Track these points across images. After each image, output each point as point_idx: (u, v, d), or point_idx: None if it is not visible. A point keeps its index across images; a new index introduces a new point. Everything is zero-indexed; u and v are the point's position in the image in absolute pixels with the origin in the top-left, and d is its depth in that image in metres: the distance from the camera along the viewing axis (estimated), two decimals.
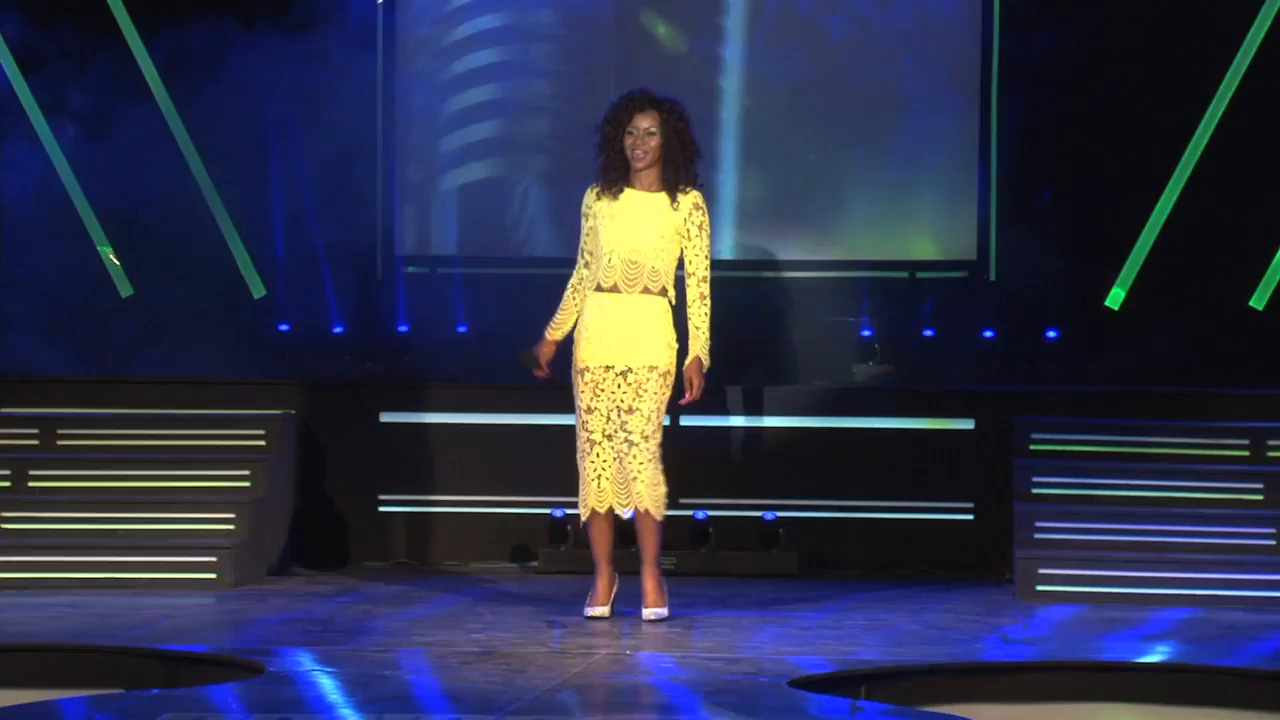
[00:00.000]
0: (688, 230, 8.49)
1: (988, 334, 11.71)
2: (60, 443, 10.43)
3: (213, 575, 9.61)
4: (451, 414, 10.77)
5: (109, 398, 10.81)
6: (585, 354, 8.48)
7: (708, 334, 8.56)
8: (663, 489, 8.49)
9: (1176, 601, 9.34)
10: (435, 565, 10.60)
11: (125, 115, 11.72)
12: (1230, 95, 11.46)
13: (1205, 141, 11.47)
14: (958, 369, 11.53)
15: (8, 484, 10.14)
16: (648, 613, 8.53)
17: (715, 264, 11.53)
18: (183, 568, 9.63)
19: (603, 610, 8.57)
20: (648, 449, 8.44)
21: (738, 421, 10.75)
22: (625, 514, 8.58)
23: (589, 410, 8.47)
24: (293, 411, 10.67)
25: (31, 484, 10.16)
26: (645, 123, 8.44)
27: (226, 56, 11.59)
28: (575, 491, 10.52)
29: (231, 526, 9.92)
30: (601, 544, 8.58)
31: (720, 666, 7.34)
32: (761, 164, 11.83)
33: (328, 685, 6.91)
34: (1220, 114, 11.46)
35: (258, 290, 11.85)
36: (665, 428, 8.54)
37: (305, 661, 7.35)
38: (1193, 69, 11.43)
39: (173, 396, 10.85)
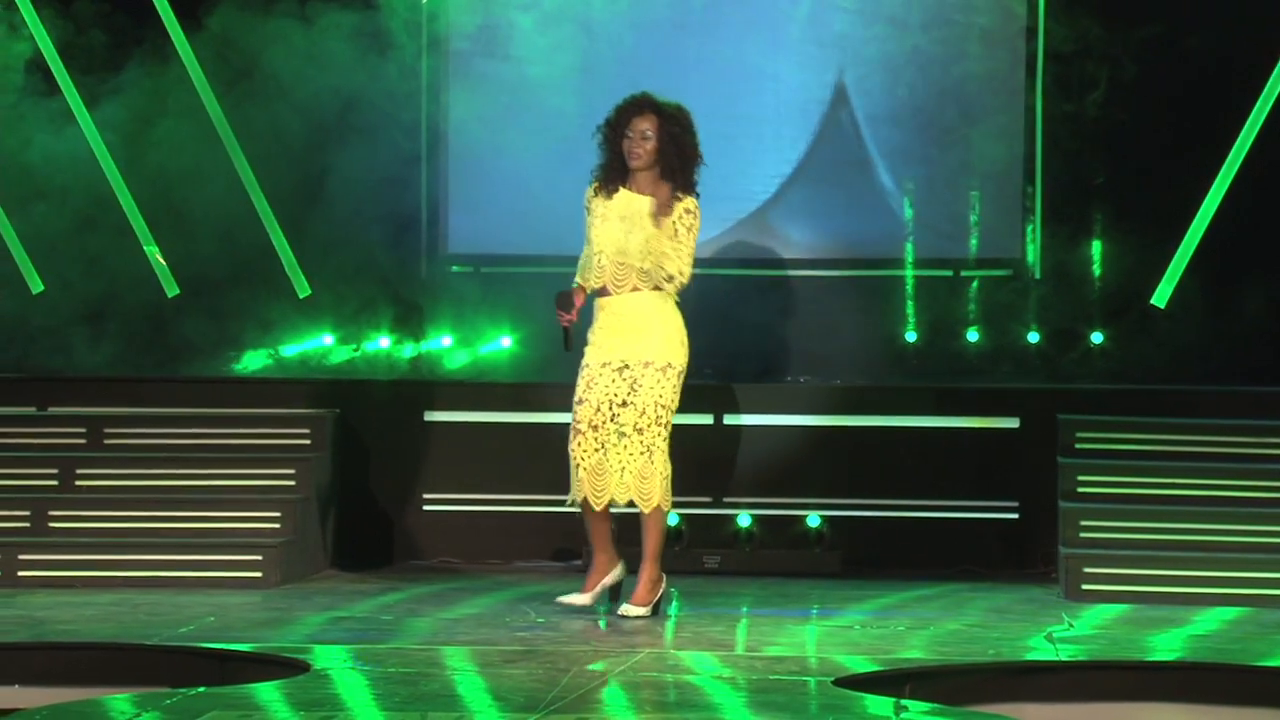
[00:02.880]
0: (675, 229, 8.54)
1: (1033, 332, 11.67)
2: (107, 442, 10.46)
3: (257, 573, 9.64)
4: (495, 413, 10.79)
5: (155, 397, 10.85)
6: (589, 354, 8.60)
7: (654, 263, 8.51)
8: (655, 482, 8.51)
9: (1223, 600, 9.30)
10: (479, 564, 10.60)
11: (171, 115, 11.77)
12: (1278, 93, 11.39)
13: (1252, 139, 11.41)
14: (1003, 367, 11.51)
15: (55, 483, 10.18)
16: (623, 607, 8.59)
17: (762, 262, 11.62)
18: (228, 566, 9.66)
19: (585, 599, 8.65)
20: (640, 442, 8.48)
21: (781, 420, 10.74)
22: (599, 507, 8.57)
23: (579, 401, 8.56)
24: (337, 410, 10.69)
25: (78, 483, 10.19)
26: (643, 125, 8.54)
27: (271, 54, 11.62)
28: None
29: (276, 525, 9.95)
30: (595, 532, 8.66)
31: (764, 666, 7.33)
32: (800, 161, 11.81)
33: (371, 683, 6.92)
34: (1267, 111, 11.40)
35: (303, 290, 11.86)
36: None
37: (349, 660, 7.36)
38: (1239, 66, 11.37)
39: (218, 395, 10.89)
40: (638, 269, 8.52)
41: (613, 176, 8.59)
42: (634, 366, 8.52)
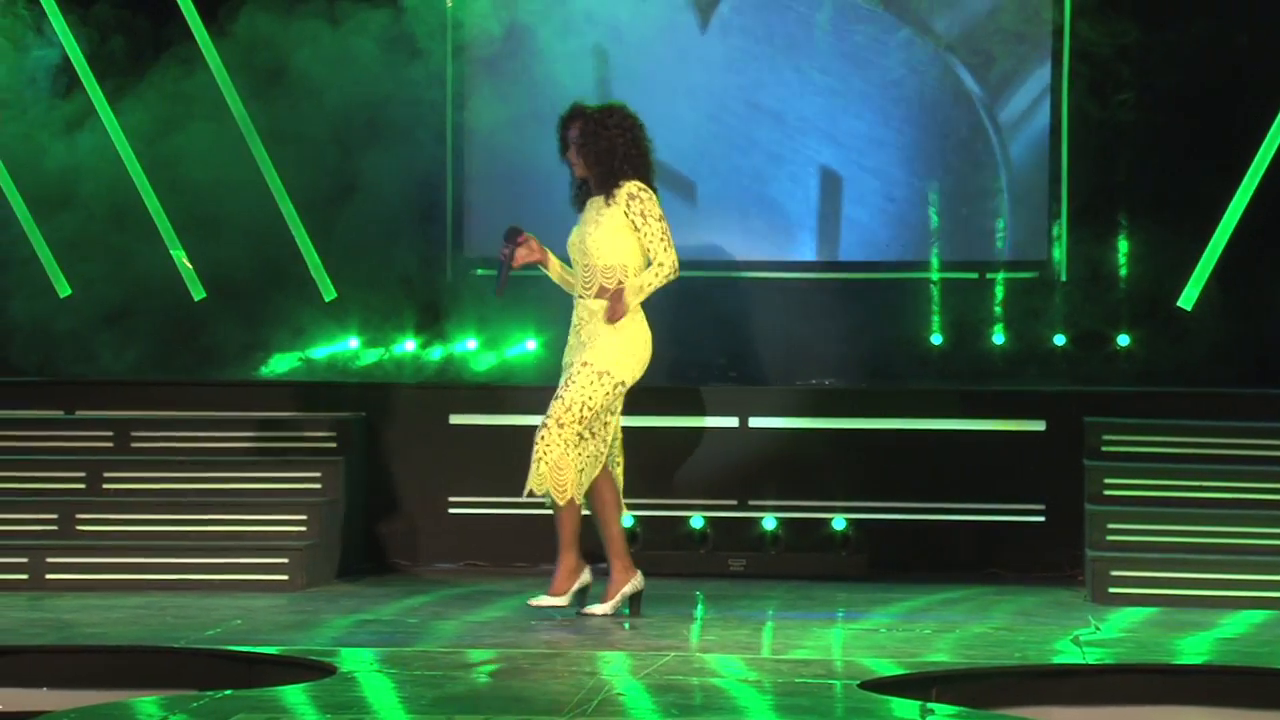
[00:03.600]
0: (632, 222, 8.60)
1: (1059, 334, 11.64)
2: (134, 445, 10.49)
3: (284, 576, 9.66)
4: (521, 416, 10.78)
5: (182, 400, 10.88)
6: (564, 358, 8.73)
7: (646, 285, 8.57)
8: (569, 476, 8.51)
9: (1250, 603, 9.28)
10: (504, 567, 10.60)
11: (197, 119, 11.79)
12: None
13: (1279, 142, 11.37)
14: (1028, 370, 11.49)
15: (82, 485, 10.22)
16: (538, 598, 8.65)
17: (786, 265, 11.62)
18: (254, 569, 9.68)
19: (603, 608, 8.68)
20: (559, 435, 8.49)
21: (807, 423, 10.73)
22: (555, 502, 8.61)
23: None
24: (363, 414, 10.72)
25: (105, 485, 10.22)
26: (572, 133, 8.68)
27: (298, 59, 11.64)
28: (646, 494, 10.65)
29: (303, 528, 9.97)
30: (607, 526, 8.72)
31: (790, 669, 7.33)
32: (824, 164, 11.81)
33: (397, 686, 6.92)
34: None
35: (328, 293, 11.88)
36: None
37: (375, 662, 7.37)
38: (1266, 68, 11.33)
39: (244, 399, 10.92)
40: (600, 268, 8.56)
41: (580, 191, 8.77)
42: (575, 365, 8.60)
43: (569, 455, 8.52)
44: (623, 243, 8.59)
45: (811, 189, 11.80)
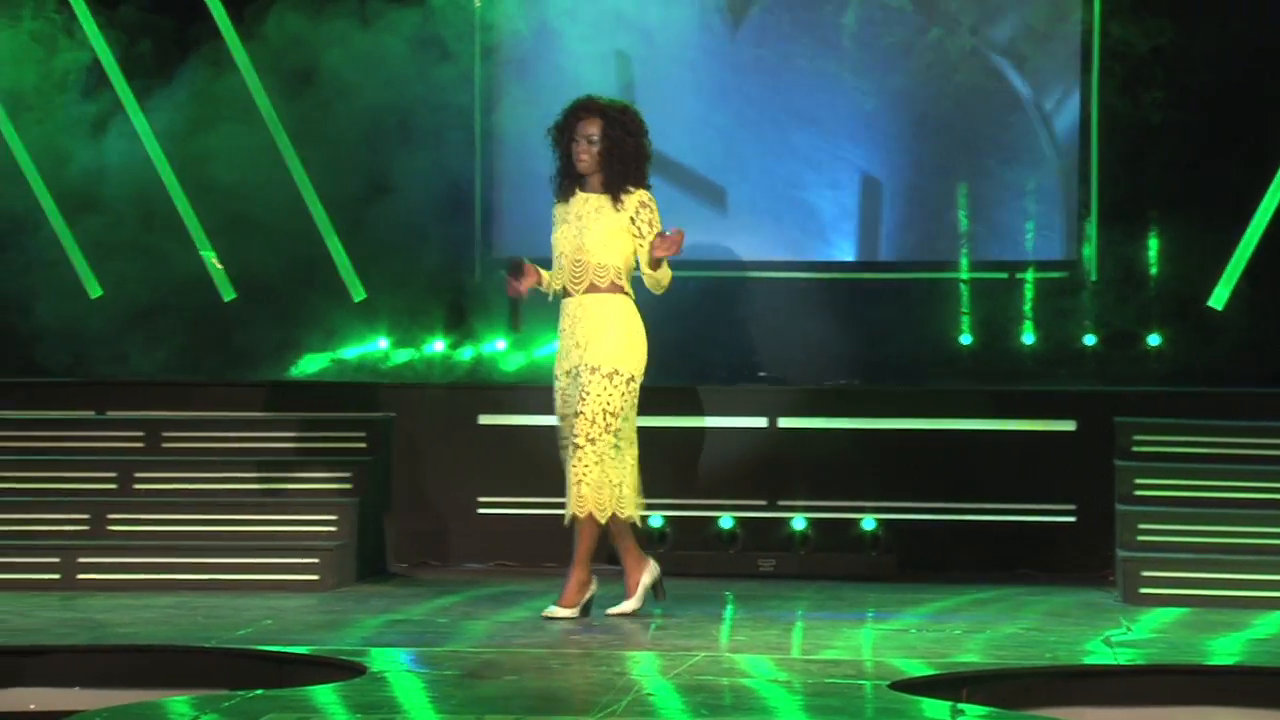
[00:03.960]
0: (638, 229, 8.56)
1: (1089, 334, 11.61)
2: (165, 445, 10.51)
3: (314, 576, 9.66)
4: (549, 416, 10.75)
5: (212, 401, 10.90)
6: (556, 364, 8.65)
7: (665, 277, 8.58)
8: (606, 493, 8.46)
9: None
10: (534, 567, 10.59)
11: (226, 120, 11.81)
12: None
13: None
14: (1059, 370, 11.46)
15: (113, 486, 10.24)
16: (549, 609, 8.58)
17: (816, 265, 11.59)
18: (285, 569, 9.69)
19: (629, 605, 8.65)
20: (593, 452, 8.45)
21: (836, 423, 10.72)
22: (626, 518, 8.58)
23: (561, 417, 8.61)
24: (393, 414, 10.72)
25: (136, 486, 10.24)
26: (588, 129, 8.56)
27: (327, 60, 11.66)
28: (672, 494, 10.64)
29: (333, 528, 9.97)
30: (620, 540, 8.66)
31: (820, 669, 7.31)
32: (861, 165, 11.79)
33: (428, 686, 6.93)
34: None
35: (358, 294, 11.89)
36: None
37: (406, 662, 7.37)
38: None
39: (275, 400, 10.93)
40: (595, 265, 8.52)
41: (567, 182, 8.64)
42: (583, 373, 8.51)
43: (609, 472, 8.48)
44: (620, 245, 8.55)
45: (841, 189, 11.79)
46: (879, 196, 11.80)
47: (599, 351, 8.50)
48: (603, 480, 8.47)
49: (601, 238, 8.53)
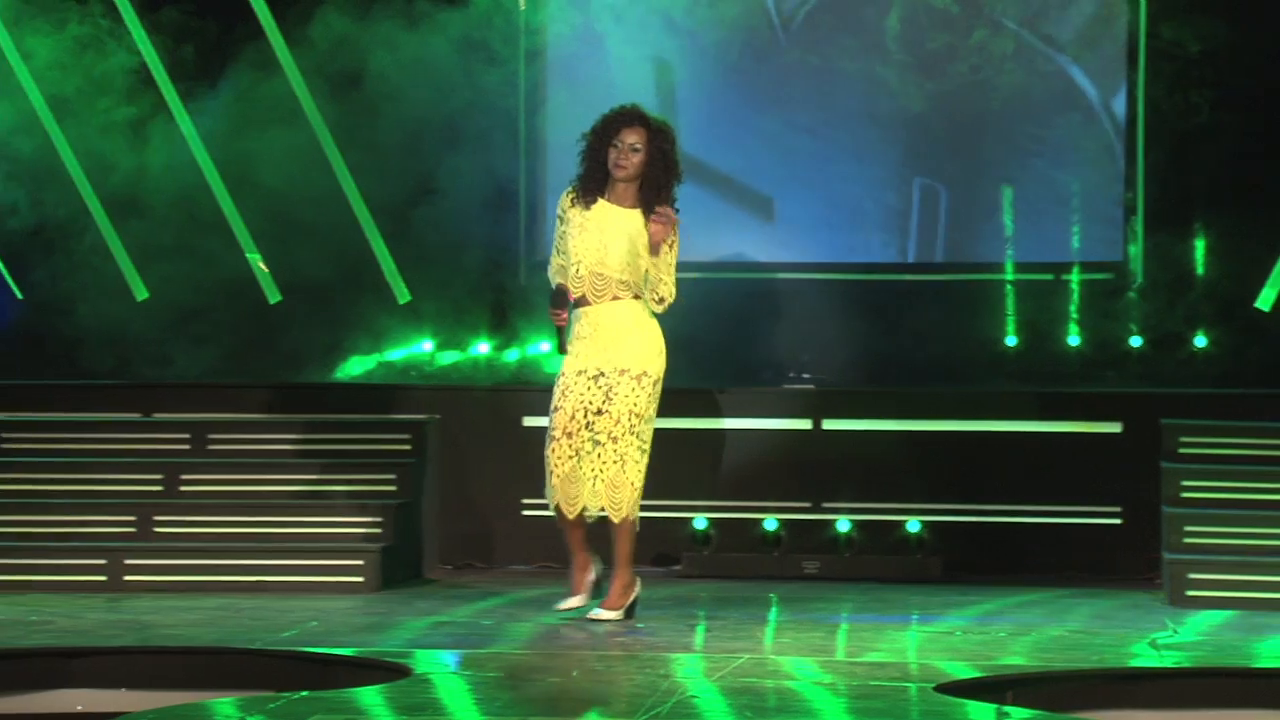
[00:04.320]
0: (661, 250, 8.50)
1: (1135, 336, 11.56)
2: (210, 447, 10.54)
3: (359, 578, 9.67)
4: None
5: (258, 403, 10.93)
6: (566, 364, 8.57)
7: (669, 291, 8.52)
8: (624, 492, 8.44)
9: None
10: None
11: (272, 123, 11.83)
12: None
13: None
14: (1105, 371, 11.41)
15: (159, 488, 10.26)
16: (596, 611, 8.55)
17: (861, 266, 11.54)
18: (330, 571, 9.70)
19: (576, 601, 8.62)
20: (614, 450, 8.44)
21: (881, 425, 10.70)
22: (588, 518, 8.54)
23: (555, 408, 8.53)
24: (437, 416, 10.73)
25: (182, 487, 10.27)
26: (631, 138, 8.48)
27: (373, 63, 11.69)
28: (717, 496, 10.64)
29: (378, 530, 9.97)
30: (570, 539, 8.62)
31: (865, 671, 7.30)
32: (906, 167, 11.78)
33: (472, 688, 6.92)
34: None
35: (402, 296, 11.91)
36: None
37: (450, 664, 7.37)
38: None
39: (320, 401, 10.97)
40: (617, 280, 8.49)
41: (592, 187, 8.54)
42: (609, 374, 8.47)
43: (629, 472, 8.46)
44: (641, 264, 8.51)
45: (885, 192, 11.76)
46: (924, 198, 11.77)
47: (628, 354, 8.49)
48: (621, 480, 8.46)
49: (626, 256, 8.49)
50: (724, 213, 11.76)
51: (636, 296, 8.51)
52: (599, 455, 8.45)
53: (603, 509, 8.49)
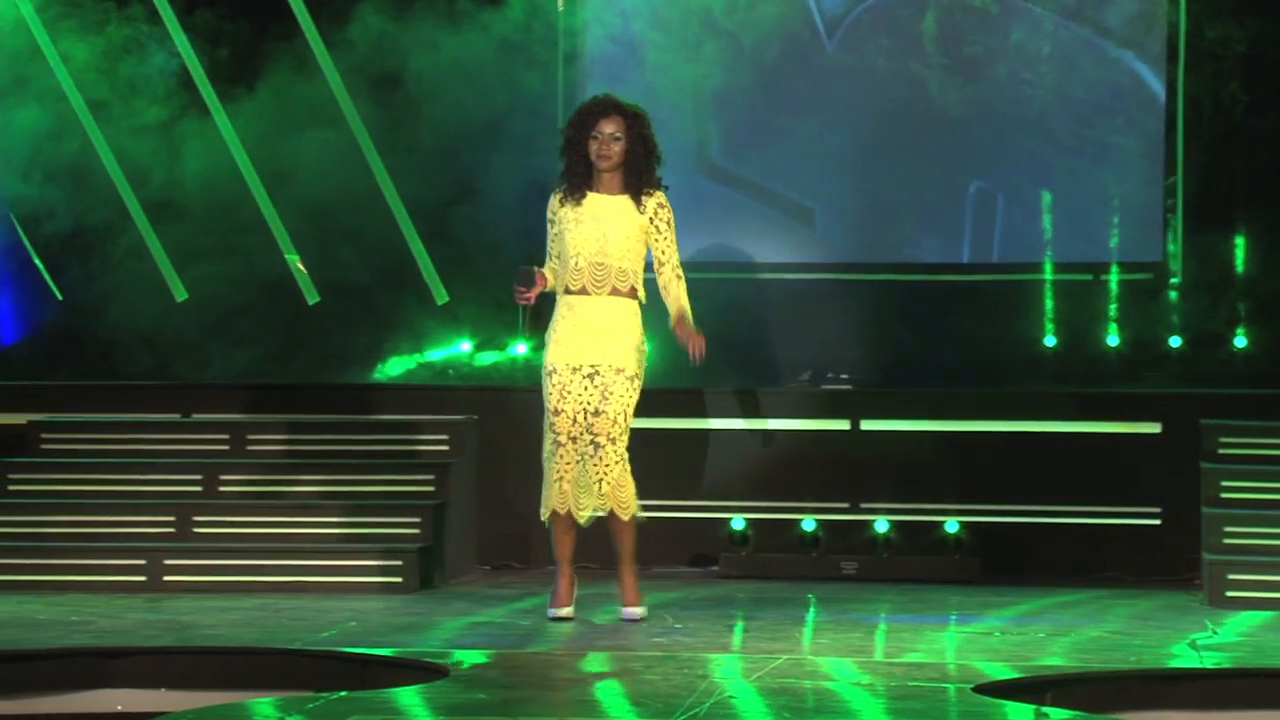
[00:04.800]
0: (655, 227, 8.58)
1: (1174, 336, 11.52)
2: (249, 448, 10.56)
3: (398, 578, 9.67)
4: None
5: (296, 403, 10.94)
6: (554, 355, 8.56)
7: (688, 303, 8.60)
8: (629, 490, 8.52)
9: None
10: (616, 569, 10.58)
11: (311, 124, 11.85)
12: None
13: None
14: (1144, 372, 11.37)
15: (199, 489, 10.28)
16: (626, 612, 8.59)
17: (899, 267, 11.50)
18: (368, 571, 9.71)
19: (568, 610, 8.63)
20: (615, 451, 8.49)
21: (919, 426, 10.68)
22: (585, 521, 8.59)
23: (556, 412, 8.54)
24: (475, 417, 10.74)
25: (221, 488, 10.29)
26: (610, 128, 8.53)
27: (412, 65, 11.70)
28: (755, 496, 10.59)
29: (416, 530, 9.98)
30: (563, 546, 8.64)
31: (903, 672, 7.28)
32: (943, 167, 11.76)
33: (510, 688, 6.93)
34: None
35: (440, 297, 11.93)
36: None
37: (488, 664, 7.38)
38: None
39: (358, 402, 10.97)
40: (617, 268, 8.51)
41: (578, 182, 8.58)
42: (605, 373, 8.51)
43: (627, 471, 8.52)
44: (640, 248, 8.58)
45: (922, 192, 11.72)
46: (961, 199, 11.73)
47: (623, 354, 8.53)
48: (624, 478, 8.53)
49: (625, 242, 8.54)
50: (761, 215, 11.76)
51: (634, 291, 8.54)
52: (600, 458, 8.50)
53: (609, 510, 8.52)
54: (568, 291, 8.56)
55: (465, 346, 11.89)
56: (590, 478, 8.52)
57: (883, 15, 11.79)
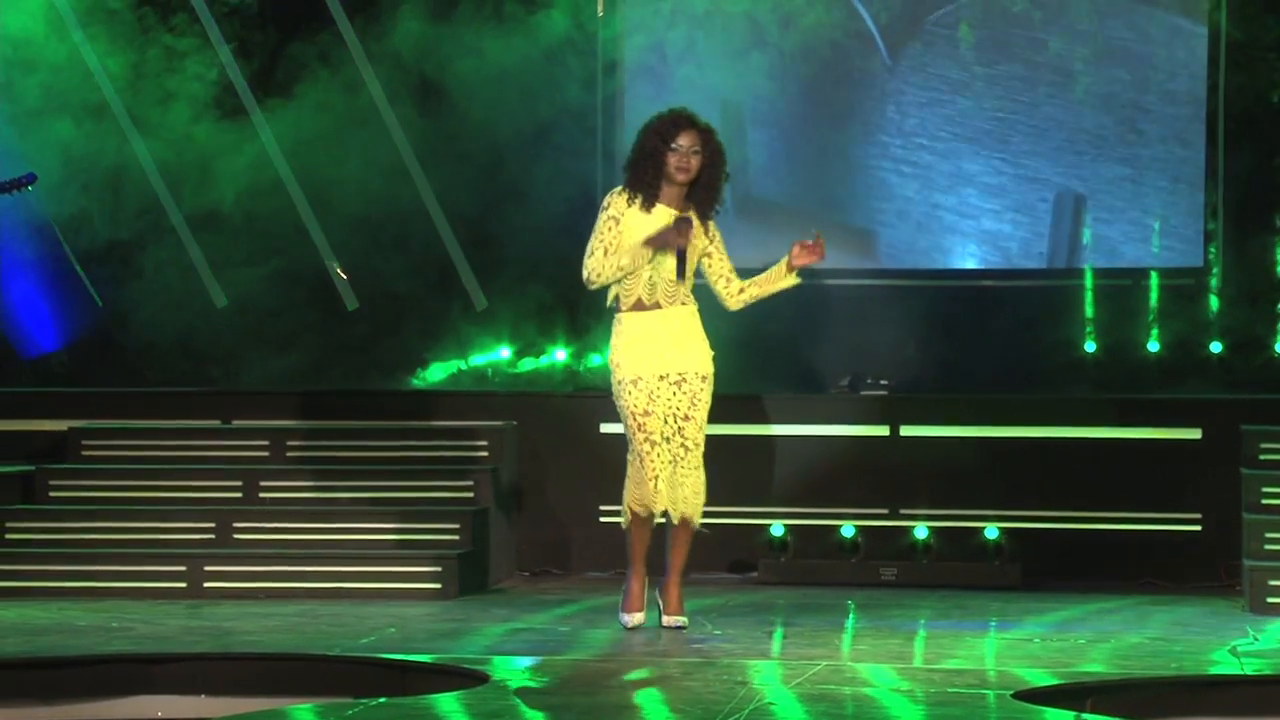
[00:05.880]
0: (717, 248, 8.60)
1: (1215, 341, 11.48)
2: (289, 454, 10.58)
3: (437, 585, 9.68)
4: None
5: (336, 410, 10.96)
6: (638, 365, 8.50)
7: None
8: (704, 498, 8.51)
9: None
10: (656, 576, 10.56)
11: (350, 129, 11.90)
12: None
13: None
14: (1184, 377, 11.34)
15: (239, 495, 10.31)
16: (670, 619, 8.53)
17: (937, 273, 11.42)
18: (408, 578, 9.71)
19: (640, 617, 8.59)
20: (698, 456, 8.49)
21: (958, 432, 10.65)
22: (676, 520, 8.54)
23: (646, 413, 8.46)
24: (515, 423, 10.75)
25: (262, 494, 10.32)
26: (688, 141, 8.46)
27: (454, 73, 11.73)
28: (795, 502, 10.54)
29: (456, 536, 9.99)
30: (643, 545, 8.60)
31: (943, 679, 7.26)
32: (985, 171, 11.74)
33: (550, 694, 6.93)
34: None
35: (480, 303, 11.94)
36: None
37: (528, 671, 7.38)
38: None
39: (398, 409, 10.99)
40: (688, 285, 8.50)
41: (649, 192, 8.48)
42: (691, 379, 8.48)
43: (703, 479, 8.52)
44: (694, 264, 8.57)
45: (968, 198, 11.71)
46: (999, 200, 11.73)
47: (705, 360, 8.54)
48: (702, 486, 8.52)
49: (693, 258, 8.54)
50: (797, 224, 11.77)
51: (690, 298, 8.55)
52: (688, 461, 8.49)
53: (680, 516, 8.48)
54: (638, 307, 8.53)
55: (505, 352, 11.92)
56: (680, 479, 8.50)
57: (923, 24, 11.77)
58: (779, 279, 8.61)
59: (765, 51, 11.83)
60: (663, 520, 8.55)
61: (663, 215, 8.48)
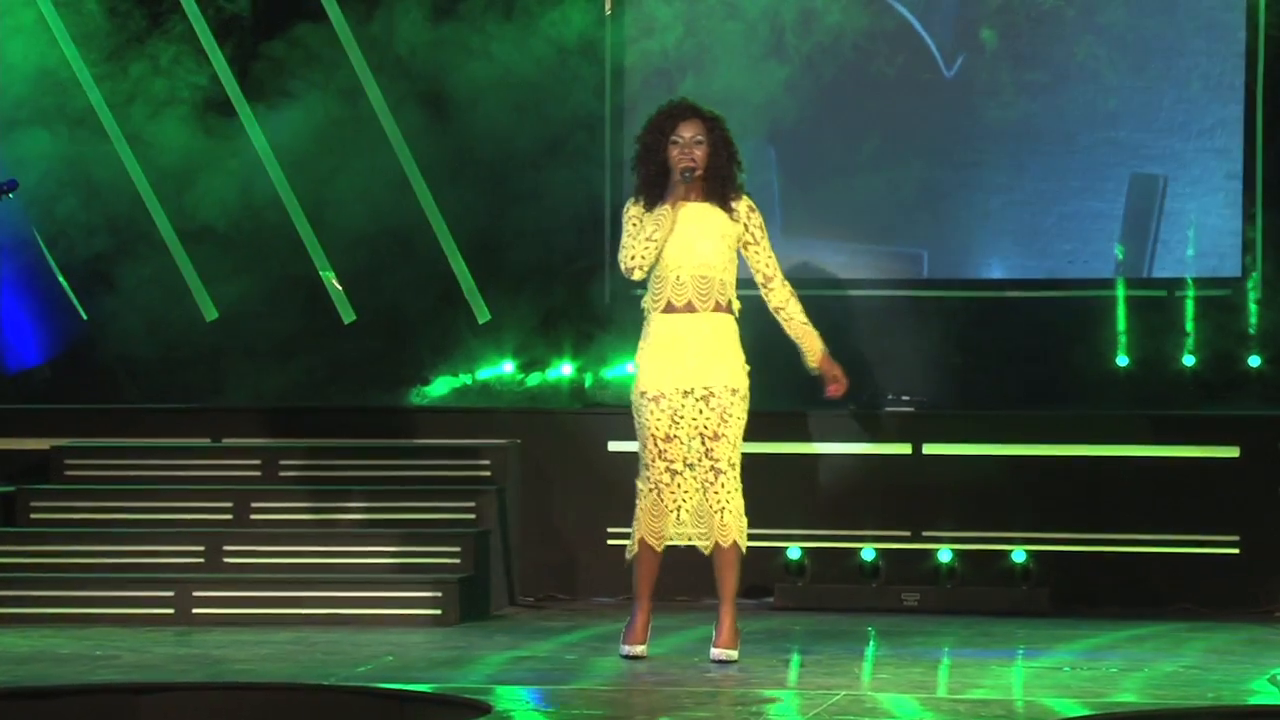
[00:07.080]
0: (752, 235, 8.32)
1: (1253, 355, 11.37)
2: (282, 474, 10.52)
3: (437, 610, 9.58)
4: None
5: (330, 428, 10.91)
6: (658, 379, 8.19)
7: (814, 328, 8.45)
8: (746, 520, 8.25)
9: None
10: (665, 600, 10.37)
11: (347, 139, 11.85)
12: None
13: None
14: (1221, 393, 11.26)
15: (229, 516, 10.25)
16: (718, 653, 8.26)
17: (964, 283, 11.41)
18: (406, 603, 9.61)
19: (642, 649, 8.35)
20: (734, 477, 8.22)
21: (984, 450, 10.53)
22: (708, 552, 8.27)
23: (668, 439, 8.17)
24: (519, 441, 10.67)
25: (253, 516, 10.25)
26: (690, 132, 8.24)
27: (456, 80, 11.67)
28: (812, 524, 10.47)
29: (456, 560, 9.91)
30: (649, 578, 8.33)
31: (968, 709, 7.12)
32: (1013, 179, 11.68)
33: None
34: None
35: (482, 315, 11.81)
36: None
37: (532, 701, 7.31)
38: None
39: (396, 426, 10.93)
40: (719, 280, 8.23)
41: (657, 193, 8.25)
42: (720, 394, 8.17)
43: (742, 499, 8.24)
44: (733, 256, 8.31)
45: (990, 209, 11.63)
46: (1029, 210, 11.64)
47: (735, 373, 8.24)
48: (740, 507, 8.25)
49: (725, 254, 8.27)
50: (816, 228, 11.66)
51: (729, 305, 8.28)
52: (722, 484, 8.20)
53: (720, 541, 8.20)
54: (669, 309, 8.24)
55: (508, 367, 11.87)
56: (710, 507, 8.19)
57: (941, 30, 11.71)
58: (805, 351, 8.42)
59: (780, 55, 11.73)
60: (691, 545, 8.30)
61: (687, 214, 8.22)
